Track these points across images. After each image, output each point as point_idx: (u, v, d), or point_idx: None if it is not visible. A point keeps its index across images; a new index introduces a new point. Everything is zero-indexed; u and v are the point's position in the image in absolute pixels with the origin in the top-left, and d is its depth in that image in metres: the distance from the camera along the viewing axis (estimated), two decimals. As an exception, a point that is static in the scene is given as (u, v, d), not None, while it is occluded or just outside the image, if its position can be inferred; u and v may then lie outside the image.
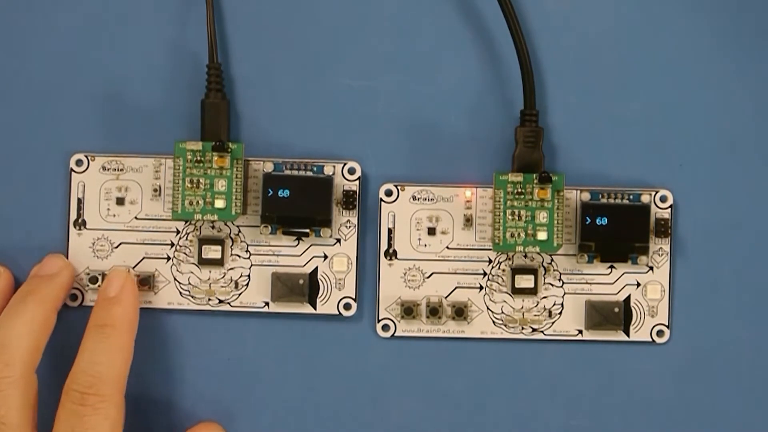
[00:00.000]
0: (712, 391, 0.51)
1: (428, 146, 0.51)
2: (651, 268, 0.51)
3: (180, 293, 0.51)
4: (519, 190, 0.49)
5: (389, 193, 0.51)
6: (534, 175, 0.49)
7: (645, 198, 0.50)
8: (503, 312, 0.51)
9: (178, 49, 0.51)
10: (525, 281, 0.51)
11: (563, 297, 0.51)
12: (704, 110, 0.51)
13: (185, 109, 0.51)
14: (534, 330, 0.51)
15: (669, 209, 0.51)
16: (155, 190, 0.51)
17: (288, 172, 0.50)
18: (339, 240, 0.51)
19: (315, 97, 0.51)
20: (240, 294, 0.51)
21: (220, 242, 0.51)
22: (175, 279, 0.51)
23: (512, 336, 0.51)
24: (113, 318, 0.48)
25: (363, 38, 0.51)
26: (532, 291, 0.51)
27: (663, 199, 0.50)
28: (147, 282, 0.51)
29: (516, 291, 0.51)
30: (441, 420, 0.51)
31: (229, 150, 0.49)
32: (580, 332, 0.51)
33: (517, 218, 0.49)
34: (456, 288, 0.51)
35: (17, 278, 0.51)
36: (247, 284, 0.51)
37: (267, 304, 0.51)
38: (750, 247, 0.51)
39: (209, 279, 0.51)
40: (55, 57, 0.51)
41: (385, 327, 0.51)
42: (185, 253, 0.51)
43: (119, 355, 0.48)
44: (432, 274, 0.51)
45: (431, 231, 0.51)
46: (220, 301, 0.51)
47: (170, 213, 0.50)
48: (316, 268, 0.51)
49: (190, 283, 0.51)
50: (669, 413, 0.51)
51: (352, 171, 0.51)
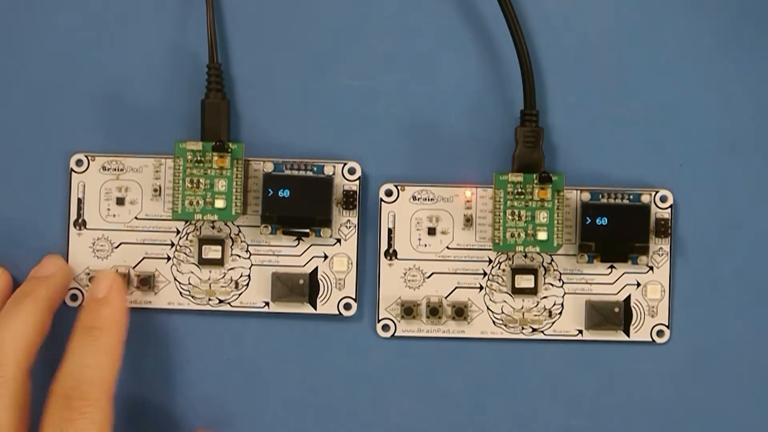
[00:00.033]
0: (712, 391, 0.51)
1: (428, 146, 0.51)
2: (651, 268, 0.51)
3: (180, 293, 0.51)
4: (519, 190, 0.49)
5: (389, 193, 0.51)
6: (534, 175, 0.49)
7: (645, 198, 0.50)
8: (503, 312, 0.51)
9: (178, 49, 0.51)
10: (525, 281, 0.51)
11: (563, 297, 0.51)
12: (704, 110, 0.51)
13: (185, 109, 0.51)
14: (534, 330, 0.51)
15: (669, 209, 0.51)
16: (155, 190, 0.51)
17: (288, 172, 0.50)
18: (339, 240, 0.51)
19: (315, 97, 0.51)
20: (240, 294, 0.51)
21: (220, 242, 0.51)
22: (175, 279, 0.51)
23: (512, 336, 0.51)
24: (101, 320, 0.48)
25: (363, 38, 0.51)
26: (532, 291, 0.51)
27: (663, 199, 0.50)
28: (147, 282, 0.51)
29: (516, 291, 0.51)
30: (441, 420, 0.51)
31: (229, 150, 0.49)
32: (580, 332, 0.51)
33: (517, 218, 0.49)
34: (456, 288, 0.51)
35: (17, 278, 0.51)
36: (247, 284, 0.51)
37: (267, 304, 0.51)
38: (750, 247, 0.51)
39: (209, 279, 0.51)
40: (55, 57, 0.51)
41: (385, 327, 0.51)
42: (185, 253, 0.51)
43: (107, 358, 0.47)
44: (432, 274, 0.51)
45: (431, 231, 0.51)
46: (220, 301, 0.51)
47: (170, 213, 0.50)
48: (316, 268, 0.51)
49: (190, 283, 0.51)
50: (669, 413, 0.51)
51: (352, 171, 0.51)
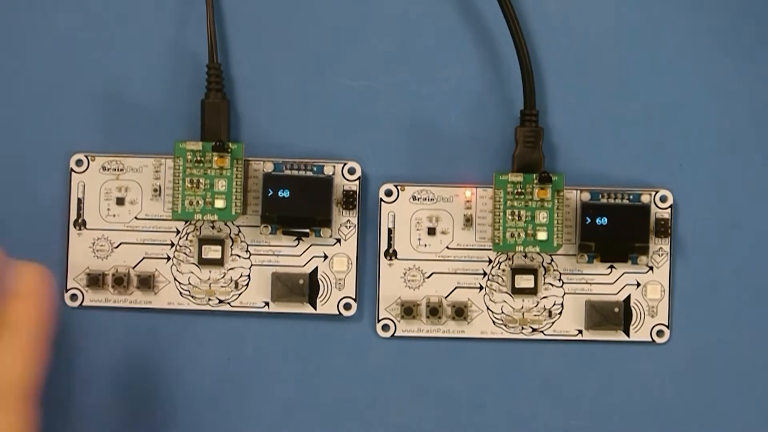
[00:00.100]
0: (712, 391, 0.51)
1: (428, 146, 0.51)
2: (651, 268, 0.51)
3: (180, 293, 0.51)
4: (519, 190, 0.49)
5: (389, 193, 0.51)
6: (534, 175, 0.49)
7: (645, 198, 0.50)
8: (503, 312, 0.51)
9: (178, 49, 0.51)
10: (525, 281, 0.51)
11: (563, 297, 0.51)
12: (704, 110, 0.51)
13: (185, 109, 0.51)
14: (534, 330, 0.51)
15: (669, 209, 0.51)
16: (155, 190, 0.51)
17: (288, 172, 0.50)
18: (339, 240, 0.51)
19: (315, 97, 0.51)
20: (240, 294, 0.51)
21: (220, 242, 0.51)
22: (175, 279, 0.51)
23: (512, 336, 0.51)
24: (16, 316, 0.42)
25: (363, 38, 0.51)
26: (532, 291, 0.51)
27: (663, 199, 0.50)
28: (147, 282, 0.51)
29: (516, 291, 0.51)
30: (441, 420, 0.51)
31: (229, 150, 0.49)
32: (580, 332, 0.51)
33: (517, 218, 0.49)
34: (456, 288, 0.51)
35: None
36: (247, 284, 0.51)
37: (267, 304, 0.51)
38: (750, 247, 0.51)
39: (209, 279, 0.51)
40: (55, 57, 0.51)
41: (385, 327, 0.51)
42: (185, 253, 0.51)
43: (20, 359, 0.41)
44: (432, 274, 0.51)
45: (431, 231, 0.51)
46: (220, 301, 0.51)
47: (170, 213, 0.50)
48: (316, 268, 0.51)
49: (190, 283, 0.51)
50: (669, 413, 0.51)
51: (352, 171, 0.51)
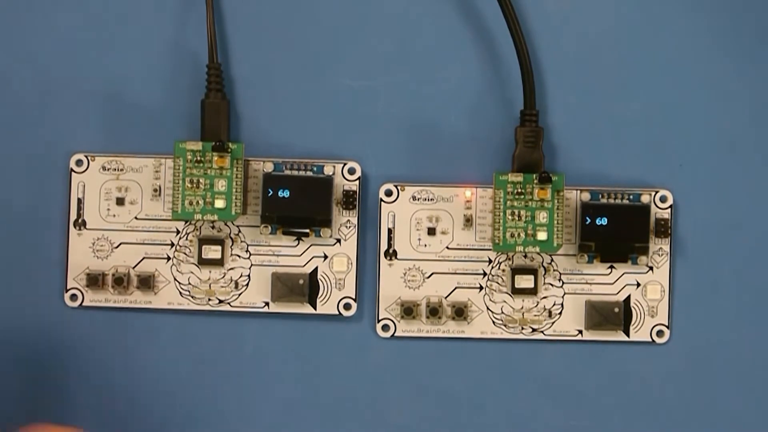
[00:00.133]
0: (712, 391, 0.51)
1: (428, 146, 0.51)
2: (651, 268, 0.51)
3: (180, 293, 0.51)
4: (519, 190, 0.49)
5: (389, 193, 0.51)
6: (534, 175, 0.49)
7: (645, 198, 0.50)
8: (503, 312, 0.51)
9: (178, 49, 0.51)
10: (525, 281, 0.51)
11: (563, 297, 0.51)
12: (704, 110, 0.51)
13: (185, 109, 0.51)
14: (534, 330, 0.51)
15: (669, 209, 0.51)
16: (155, 190, 0.51)
17: (288, 172, 0.50)
18: (339, 240, 0.51)
19: (315, 97, 0.51)
20: (240, 294, 0.51)
21: (220, 242, 0.51)
22: (175, 279, 0.51)
23: (512, 336, 0.51)
24: None
25: (363, 38, 0.51)
26: (532, 291, 0.51)
27: (663, 199, 0.50)
28: (147, 282, 0.51)
29: (516, 291, 0.51)
30: (441, 420, 0.51)
31: (229, 150, 0.49)
32: (580, 332, 0.51)
33: (517, 218, 0.49)
34: (456, 288, 0.51)
35: (17, 277, 0.51)
36: (247, 284, 0.51)
37: (267, 304, 0.51)
38: (750, 247, 0.51)
39: (209, 279, 0.51)
40: (55, 57, 0.51)
41: (385, 327, 0.51)
42: (185, 253, 0.51)
43: None
44: (432, 274, 0.51)
45: (431, 231, 0.51)
46: (220, 301, 0.51)
47: (170, 213, 0.50)
48: (316, 268, 0.51)
49: (190, 283, 0.51)
50: (669, 413, 0.51)
51: (352, 171, 0.51)
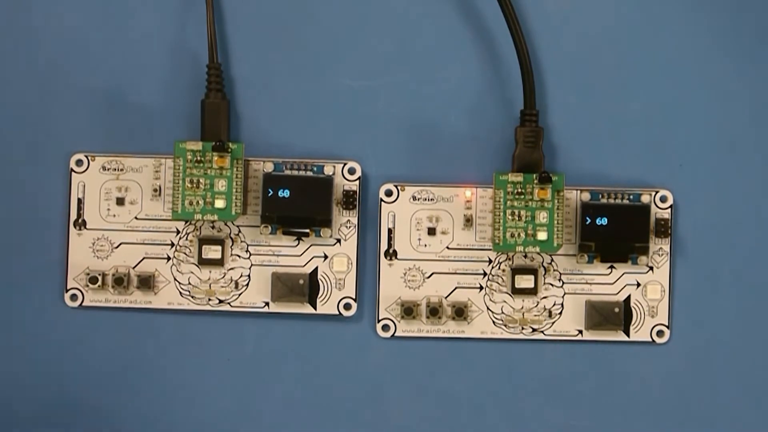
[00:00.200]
0: (712, 391, 0.51)
1: (428, 146, 0.51)
2: (651, 268, 0.51)
3: (180, 293, 0.51)
4: (519, 190, 0.49)
5: (389, 193, 0.51)
6: (534, 175, 0.49)
7: (645, 198, 0.50)
8: (503, 312, 0.51)
9: (178, 49, 0.51)
10: (525, 281, 0.51)
11: (563, 297, 0.51)
12: (704, 110, 0.51)
13: (185, 109, 0.51)
14: (534, 330, 0.51)
15: (669, 209, 0.51)
16: (155, 190, 0.51)
17: (288, 172, 0.50)
18: (339, 240, 0.51)
19: (315, 97, 0.51)
20: (240, 294, 0.51)
21: (220, 242, 0.51)
22: (175, 279, 0.51)
23: (512, 336, 0.51)
24: None
25: (363, 38, 0.51)
26: (532, 291, 0.51)
27: (663, 199, 0.50)
28: (147, 282, 0.51)
29: (516, 291, 0.51)
30: (441, 420, 0.51)
31: (229, 150, 0.49)
32: (580, 332, 0.51)
33: (517, 218, 0.49)
34: (456, 288, 0.51)
35: (17, 277, 0.51)
36: (247, 284, 0.51)
37: (267, 304, 0.51)
38: (750, 247, 0.51)
39: (209, 279, 0.51)
40: (55, 57, 0.51)
41: (385, 327, 0.51)
42: (185, 253, 0.51)
43: None
44: (432, 274, 0.51)
45: (431, 231, 0.51)
46: (220, 301, 0.51)
47: (170, 213, 0.50)
48: (316, 268, 0.51)
49: (190, 283, 0.51)
50: (669, 413, 0.51)
51: (352, 171, 0.51)
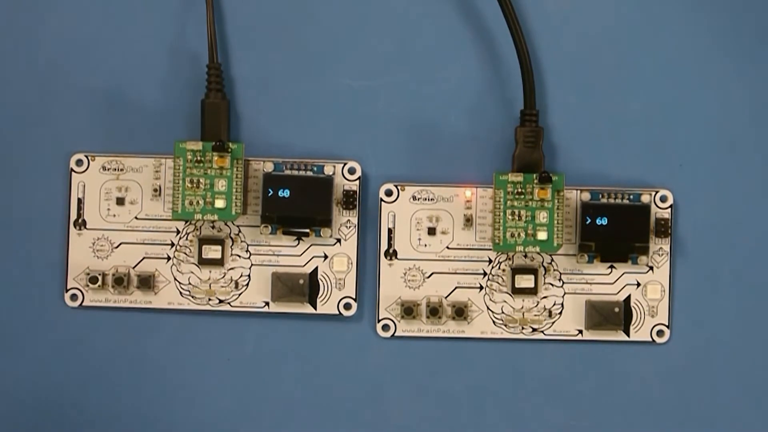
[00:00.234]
0: (712, 391, 0.51)
1: (428, 146, 0.51)
2: (651, 268, 0.51)
3: (180, 293, 0.51)
4: (519, 190, 0.49)
5: (389, 193, 0.51)
6: (534, 175, 0.49)
7: (645, 198, 0.50)
8: (503, 312, 0.51)
9: (178, 49, 0.51)
10: (525, 281, 0.51)
11: (563, 297, 0.51)
12: (704, 110, 0.51)
13: (185, 109, 0.51)
14: (534, 330, 0.51)
15: (669, 209, 0.51)
16: (155, 190, 0.51)
17: (288, 172, 0.50)
18: (339, 240, 0.51)
19: (315, 97, 0.51)
20: (240, 294, 0.51)
21: (220, 242, 0.51)
22: (175, 279, 0.51)
23: (512, 336, 0.51)
24: None
25: (363, 38, 0.51)
26: (532, 291, 0.51)
27: (663, 199, 0.50)
28: (147, 282, 0.51)
29: (516, 291, 0.51)
30: (441, 420, 0.51)
31: (229, 150, 0.49)
32: (580, 332, 0.51)
33: (517, 218, 0.49)
34: (456, 288, 0.51)
35: (17, 277, 0.51)
36: (247, 284, 0.51)
37: (267, 304, 0.51)
38: (750, 247, 0.51)
39: (209, 279, 0.51)
40: (55, 57, 0.51)
41: (385, 327, 0.51)
42: (185, 253, 0.51)
43: None
44: (432, 274, 0.51)
45: (431, 231, 0.51)
46: (220, 301, 0.51)
47: (170, 213, 0.50)
48: (316, 268, 0.51)
49: (190, 283, 0.51)
50: (669, 413, 0.51)
51: (352, 171, 0.51)
